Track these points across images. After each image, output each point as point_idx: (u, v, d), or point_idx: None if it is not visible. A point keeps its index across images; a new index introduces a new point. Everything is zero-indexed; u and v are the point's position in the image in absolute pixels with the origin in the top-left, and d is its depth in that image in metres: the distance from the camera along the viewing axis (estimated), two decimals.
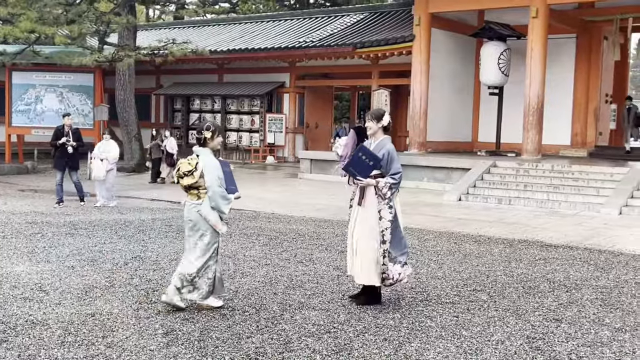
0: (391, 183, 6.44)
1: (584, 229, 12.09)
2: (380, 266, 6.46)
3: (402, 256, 6.57)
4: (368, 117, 6.69)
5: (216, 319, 6.04)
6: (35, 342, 5.30)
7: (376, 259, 6.45)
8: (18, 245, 9.31)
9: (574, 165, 16.72)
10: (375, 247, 6.45)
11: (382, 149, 6.51)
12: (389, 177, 6.45)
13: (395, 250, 6.52)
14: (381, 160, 6.44)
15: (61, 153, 14.07)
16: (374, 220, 6.47)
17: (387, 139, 6.64)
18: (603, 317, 6.49)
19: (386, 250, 6.45)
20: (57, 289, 6.96)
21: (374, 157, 6.44)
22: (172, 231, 10.83)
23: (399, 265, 6.53)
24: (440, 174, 18.25)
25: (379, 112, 6.67)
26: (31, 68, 23.34)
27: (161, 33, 29.50)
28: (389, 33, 22.19)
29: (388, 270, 6.48)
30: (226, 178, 6.46)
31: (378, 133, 6.64)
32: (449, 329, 5.93)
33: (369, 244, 6.47)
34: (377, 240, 6.45)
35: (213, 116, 26.90)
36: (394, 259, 6.51)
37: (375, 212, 6.47)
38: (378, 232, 6.45)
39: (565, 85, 21.00)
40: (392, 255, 6.50)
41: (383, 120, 6.61)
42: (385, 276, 6.49)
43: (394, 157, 6.50)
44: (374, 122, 6.62)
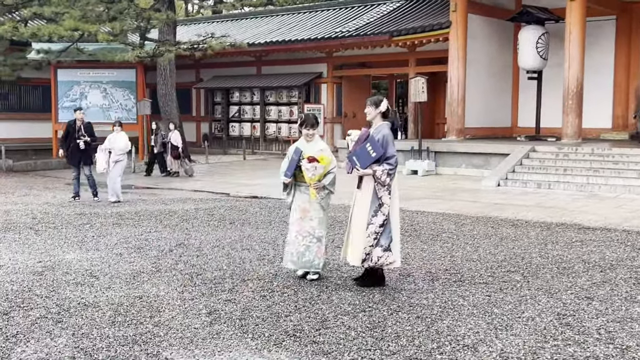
0: (388, 169, 6.61)
1: (624, 211, 12.08)
2: (364, 247, 6.65)
3: (385, 240, 6.70)
4: (367, 103, 6.90)
5: (256, 299, 6.32)
6: (88, 322, 5.65)
7: (364, 240, 6.64)
8: (68, 235, 9.74)
9: (614, 148, 16.60)
10: (363, 228, 6.65)
11: (379, 134, 6.70)
12: (384, 163, 6.61)
13: (383, 235, 6.68)
14: (382, 151, 6.60)
15: (74, 148, 13.89)
16: (366, 202, 6.68)
17: (385, 125, 6.80)
18: (635, 294, 6.59)
19: (379, 234, 6.63)
20: (106, 274, 7.33)
21: (378, 149, 6.61)
22: (214, 220, 11.17)
23: (380, 249, 6.67)
24: (478, 160, 18.29)
25: (377, 98, 6.89)
26: (75, 65, 24.01)
27: (200, 27, 29.99)
28: (425, 20, 22.20)
29: (371, 253, 6.65)
30: (289, 163, 7.07)
31: (377, 118, 6.83)
32: (481, 307, 6.11)
33: (360, 226, 6.69)
34: (367, 221, 6.64)
35: (252, 108, 27.30)
36: (378, 244, 6.67)
37: (369, 196, 6.66)
38: (371, 215, 6.63)
39: (605, 67, 20.78)
40: (379, 241, 6.67)
41: (381, 106, 6.80)
42: (364, 257, 6.66)
43: (388, 141, 6.66)
44: (372, 108, 6.82)
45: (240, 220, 11.19)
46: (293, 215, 7.17)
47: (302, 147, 7.03)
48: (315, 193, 6.96)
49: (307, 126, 7.06)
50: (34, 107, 26.29)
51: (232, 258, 8.15)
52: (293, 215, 7.17)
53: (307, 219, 7.03)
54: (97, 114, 24.28)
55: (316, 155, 6.89)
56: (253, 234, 9.79)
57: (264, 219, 11.35)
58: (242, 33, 27.64)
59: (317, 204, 7.04)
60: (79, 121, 14.07)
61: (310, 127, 7.06)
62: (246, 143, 25.91)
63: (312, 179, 6.93)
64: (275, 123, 26.76)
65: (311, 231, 7.00)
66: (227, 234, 9.80)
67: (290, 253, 7.12)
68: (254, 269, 7.57)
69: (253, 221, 11.06)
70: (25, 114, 25.76)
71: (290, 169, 7.02)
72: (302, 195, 7.09)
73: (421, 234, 9.85)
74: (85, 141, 13.86)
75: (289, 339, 5.25)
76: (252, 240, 9.29)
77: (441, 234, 9.89)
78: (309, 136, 7.07)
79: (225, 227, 10.50)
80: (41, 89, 26.13)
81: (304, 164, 6.89)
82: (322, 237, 7.06)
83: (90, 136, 14.00)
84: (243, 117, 27.75)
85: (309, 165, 6.86)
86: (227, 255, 8.34)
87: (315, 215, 7.03)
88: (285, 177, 7.10)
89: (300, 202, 7.10)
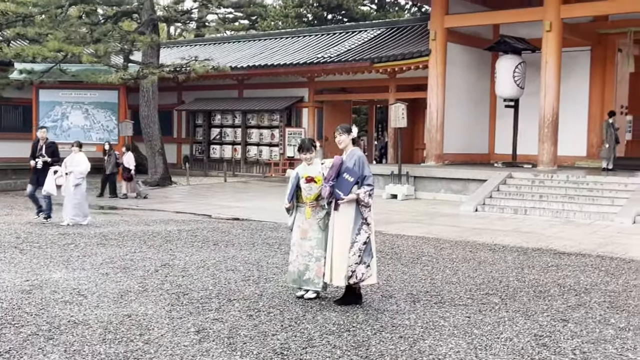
0: (369, 190, 6.99)
1: (598, 238, 12.41)
2: (349, 265, 6.93)
3: (367, 257, 7.02)
4: (339, 132, 7.25)
5: (243, 319, 6.48)
6: (79, 339, 5.78)
7: (348, 259, 6.92)
8: (53, 255, 9.83)
9: (588, 175, 17.02)
10: (348, 247, 6.93)
11: (353, 157, 7.07)
12: (364, 185, 6.96)
13: (365, 252, 7.00)
14: (359, 174, 6.95)
15: (34, 168, 13.64)
16: (349, 222, 6.96)
17: (357, 149, 7.22)
18: (609, 317, 6.84)
19: (363, 251, 6.94)
20: (94, 293, 7.44)
21: (353, 173, 6.95)
22: (198, 241, 11.30)
23: (363, 266, 6.99)
24: (457, 185, 18.63)
25: (346, 126, 7.31)
26: (57, 86, 24.10)
27: (183, 50, 30.24)
28: (405, 48, 22.64)
29: (356, 270, 6.94)
30: (290, 188, 7.38)
31: (349, 145, 7.21)
32: (461, 328, 6.33)
33: (343, 246, 6.96)
34: (351, 240, 6.93)
35: (234, 131, 27.49)
36: (362, 261, 6.98)
37: (351, 216, 6.96)
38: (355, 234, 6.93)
39: (580, 97, 21.31)
40: (362, 258, 6.98)
41: (352, 132, 7.23)
42: (349, 274, 6.94)
43: (364, 162, 7.06)
44: (345, 135, 7.20)
45: (224, 241, 11.33)
46: (294, 236, 7.41)
47: (301, 171, 7.33)
48: (310, 212, 7.20)
49: (304, 151, 7.36)
50: (15, 127, 26.23)
51: (218, 278, 8.30)
52: (294, 236, 7.41)
53: (306, 239, 7.26)
54: (79, 135, 24.33)
55: (314, 175, 7.17)
56: (237, 255, 9.94)
57: (247, 240, 11.51)
58: (225, 57, 27.93)
59: (315, 225, 7.27)
60: (42, 140, 13.76)
61: (307, 152, 7.35)
62: (227, 165, 26.07)
63: (308, 197, 7.26)
64: (256, 146, 26.98)
65: (310, 251, 7.22)
66: (211, 255, 9.94)
67: (292, 272, 7.37)
68: (240, 289, 7.72)
69: (236, 242, 11.22)
70: (6, 134, 25.69)
71: (290, 194, 7.31)
72: (302, 216, 7.34)
73: (402, 257, 10.07)
74: (45, 161, 13.52)
75: (277, 357, 5.42)
76: (236, 261, 9.44)
77: (421, 257, 10.12)
78: (307, 160, 7.35)
79: (209, 248, 10.65)
80: (22, 108, 26.11)
81: (302, 184, 7.22)
82: (321, 257, 7.27)
83: (52, 156, 13.62)
84: (224, 140, 27.93)
85: (306, 185, 7.20)
86: (212, 275, 8.48)
87: (314, 235, 7.25)
88: (286, 202, 7.38)
89: (300, 223, 7.35)
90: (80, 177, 13.47)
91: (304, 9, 38.98)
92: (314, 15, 39.06)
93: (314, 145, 7.44)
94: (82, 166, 13.48)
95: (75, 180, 13.40)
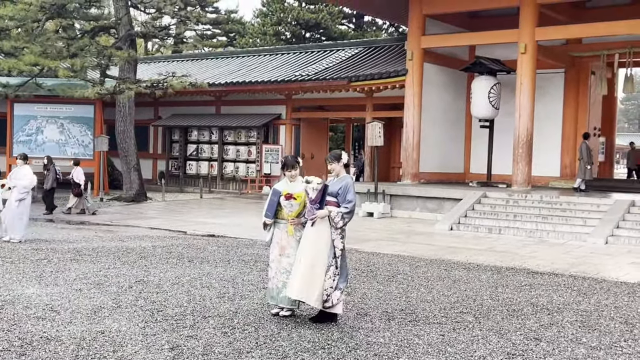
0: (343, 212, 7.02)
1: (571, 257, 12.55)
2: (324, 290, 6.94)
3: (342, 283, 7.13)
4: (329, 161, 7.33)
5: (218, 336, 6.46)
6: (51, 356, 5.72)
7: (322, 282, 6.94)
8: (26, 270, 9.72)
9: (562, 196, 17.22)
10: (323, 270, 6.96)
11: (342, 182, 7.17)
12: (342, 206, 7.03)
13: (340, 278, 7.06)
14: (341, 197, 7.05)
15: None
16: (322, 243, 7.01)
17: (347, 176, 7.31)
18: (581, 336, 6.92)
19: (337, 276, 7.00)
20: (67, 309, 7.37)
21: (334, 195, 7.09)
22: (173, 257, 11.25)
23: (338, 292, 7.05)
24: (432, 204, 18.74)
25: (337, 154, 7.35)
26: (33, 100, 23.93)
27: (160, 66, 30.16)
28: (382, 67, 22.83)
29: (331, 295, 6.97)
30: (268, 203, 7.36)
31: (341, 172, 7.30)
32: (435, 346, 6.36)
33: (315, 267, 6.97)
34: (327, 264, 6.98)
35: (211, 147, 27.44)
36: (337, 287, 7.03)
37: (327, 237, 7.02)
38: (330, 257, 6.99)
39: (554, 118, 21.62)
40: (338, 284, 7.03)
41: (343, 159, 7.32)
42: (325, 299, 6.97)
43: (349, 189, 7.13)
44: (335, 163, 7.27)
45: (199, 258, 11.29)
46: (272, 252, 7.41)
47: (282, 187, 7.34)
48: (292, 229, 7.23)
49: (288, 168, 7.41)
50: None
51: (192, 295, 8.26)
52: (272, 252, 7.41)
53: (284, 255, 7.28)
54: (53, 149, 24.18)
55: (293, 192, 7.20)
56: (212, 272, 9.91)
57: (222, 257, 11.47)
58: (202, 73, 27.94)
59: (294, 242, 7.29)
60: None
61: (291, 169, 7.40)
62: (203, 182, 25.99)
63: (290, 214, 7.27)
64: (233, 162, 26.94)
65: (288, 268, 7.22)
66: (186, 272, 9.90)
67: (271, 289, 7.37)
68: (215, 306, 7.69)
69: (211, 259, 11.18)
70: None
71: (271, 210, 7.29)
72: (280, 232, 7.35)
73: (377, 275, 10.10)
74: None
75: None
76: (212, 278, 9.41)
77: (396, 275, 10.16)
78: (292, 177, 7.40)
79: (184, 264, 10.60)
80: None
81: (282, 201, 7.22)
82: None
83: None
84: (201, 156, 27.87)
85: (286, 202, 7.20)
86: (187, 292, 8.44)
87: (293, 252, 7.26)
88: (266, 218, 7.36)
89: (278, 239, 7.36)
90: (24, 191, 12.93)
91: (282, 27, 39.16)
92: (292, 34, 39.25)
93: (297, 162, 7.48)
94: (26, 180, 12.91)
95: (18, 195, 12.84)
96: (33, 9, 20.75)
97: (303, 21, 38.28)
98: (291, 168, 7.41)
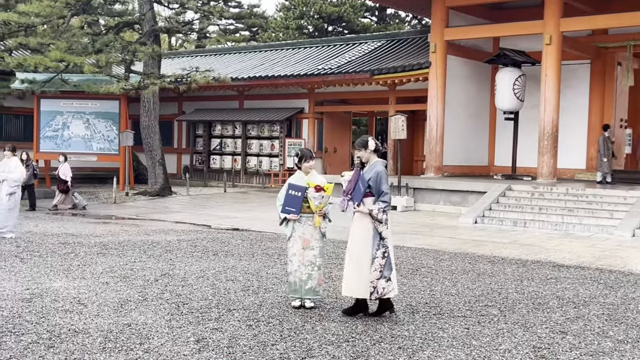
0: (383, 207, 7.00)
1: (597, 250, 12.43)
2: (371, 281, 6.97)
3: (387, 271, 7.05)
4: (357, 147, 7.26)
5: (243, 328, 6.51)
6: (79, 348, 5.80)
7: (368, 273, 6.96)
8: (54, 264, 9.85)
9: (588, 188, 17.05)
10: (369, 263, 6.97)
11: (372, 171, 7.08)
12: (379, 201, 6.98)
13: (385, 267, 7.03)
14: (374, 187, 7.00)
15: None
16: (368, 237, 7.01)
17: (379, 162, 7.19)
18: (607, 330, 6.86)
19: (383, 266, 6.98)
20: (94, 302, 7.46)
21: (365, 183, 7.02)
22: (197, 251, 11.33)
23: (383, 280, 7.02)
24: (456, 197, 18.66)
25: (363, 140, 7.23)
26: (59, 95, 24.20)
27: (184, 61, 30.37)
28: (405, 60, 22.73)
29: (377, 285, 6.98)
30: (286, 199, 7.34)
31: (371, 157, 7.20)
32: (460, 339, 6.35)
33: (364, 260, 6.99)
34: (372, 256, 6.98)
35: (234, 141, 27.55)
36: (382, 275, 7.01)
37: (370, 231, 7.01)
38: (375, 250, 6.98)
39: (580, 110, 21.39)
40: (383, 272, 7.01)
41: (369, 145, 7.17)
42: (371, 290, 6.99)
43: (382, 178, 7.03)
44: (363, 151, 7.19)
45: (223, 251, 11.36)
46: (294, 246, 7.41)
47: (301, 181, 7.34)
48: (320, 220, 7.26)
49: (307, 159, 7.43)
50: (16, 136, 26.23)
51: (217, 288, 8.32)
52: (294, 245, 7.41)
53: (308, 248, 7.32)
54: (79, 145, 24.46)
55: (322, 184, 7.23)
56: (236, 266, 9.97)
57: (246, 250, 11.53)
58: (225, 67, 28.02)
59: (318, 234, 7.35)
60: None
61: (310, 159, 7.44)
62: (227, 176, 26.11)
63: (319, 206, 7.29)
64: (256, 156, 27.03)
65: (313, 260, 7.30)
66: (210, 265, 9.97)
67: (294, 282, 7.40)
68: (239, 299, 7.74)
69: (236, 253, 11.24)
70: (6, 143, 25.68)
71: (297, 206, 7.27)
72: (302, 226, 7.36)
73: (401, 268, 10.09)
74: None
75: None
76: (236, 272, 9.46)
77: (420, 269, 10.14)
78: (309, 168, 7.42)
79: (209, 258, 10.67)
80: (23, 118, 26.23)
81: (311, 193, 7.21)
82: (321, 265, 7.43)
83: None
84: (224, 150, 27.99)
85: (317, 194, 7.21)
86: (211, 285, 8.50)
87: (317, 244, 7.33)
88: (292, 214, 7.32)
89: (300, 233, 7.37)
90: (14, 185, 12.48)
91: (305, 20, 39.15)
92: (314, 27, 39.22)
93: (312, 156, 7.50)
94: (17, 173, 12.51)
95: (9, 189, 12.41)
96: (58, 6, 20.98)
97: (325, 14, 38.24)
98: (309, 159, 7.43)
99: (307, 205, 7.34)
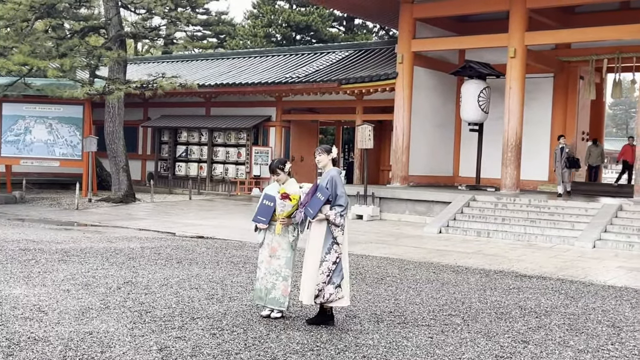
0: (340, 212, 7.03)
1: (558, 261, 12.61)
2: (316, 285, 6.98)
3: (337, 278, 7.04)
4: (318, 152, 7.35)
5: (207, 337, 6.45)
6: (39, 357, 5.68)
7: (316, 278, 6.98)
8: (14, 271, 9.65)
9: (550, 200, 17.31)
10: (317, 265, 6.99)
11: (328, 176, 7.16)
12: (336, 206, 7.02)
13: (335, 272, 7.03)
14: (329, 192, 7.02)
15: None
16: (320, 240, 7.04)
17: (334, 169, 7.29)
18: (568, 340, 6.96)
19: (332, 271, 6.98)
20: (55, 309, 7.33)
21: (324, 192, 7.03)
22: (161, 259, 11.21)
23: (332, 286, 7.01)
24: (421, 207, 18.78)
25: (327, 146, 7.37)
26: (21, 100, 23.76)
27: (150, 67, 30.10)
28: (373, 70, 22.87)
29: (323, 289, 6.97)
30: (259, 208, 7.37)
31: (328, 165, 7.29)
32: (424, 348, 6.37)
33: (313, 264, 7.03)
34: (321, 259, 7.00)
35: (200, 148, 27.39)
36: (330, 281, 7.01)
37: (323, 234, 7.04)
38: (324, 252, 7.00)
39: (543, 122, 21.74)
40: (332, 278, 7.01)
41: (332, 152, 7.31)
42: (317, 293, 6.99)
43: (337, 182, 7.12)
44: (324, 155, 7.28)
45: (188, 259, 11.26)
46: (262, 253, 7.41)
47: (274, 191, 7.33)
48: (280, 228, 7.25)
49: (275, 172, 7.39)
50: None
51: (181, 297, 8.24)
52: (262, 252, 7.41)
53: (275, 257, 7.29)
54: (42, 150, 24.08)
55: (290, 193, 7.23)
56: (201, 274, 9.89)
57: (211, 258, 11.45)
58: (192, 74, 27.87)
59: (285, 244, 7.31)
60: None
61: (273, 174, 7.40)
62: (192, 183, 25.92)
63: (280, 214, 7.27)
64: (222, 164, 26.89)
65: (278, 269, 7.25)
66: (174, 273, 9.87)
67: (259, 289, 7.36)
68: (203, 308, 7.68)
69: (200, 261, 11.15)
70: None
71: (267, 215, 7.29)
72: (271, 234, 7.34)
73: (366, 277, 10.11)
74: None
75: None
76: (200, 280, 9.39)
77: (385, 278, 10.17)
78: (279, 181, 7.39)
79: (173, 266, 10.57)
80: None
81: (277, 200, 7.22)
82: (288, 276, 7.32)
83: None
84: (190, 157, 27.80)
85: (280, 201, 7.22)
86: (175, 293, 8.42)
87: (283, 254, 7.28)
88: (261, 224, 7.34)
89: (269, 241, 7.36)
90: None
91: (273, 29, 39.16)
92: (282, 36, 39.25)
93: (279, 167, 7.41)
94: None
95: None
96: (22, 9, 20.63)
97: (294, 23, 38.29)
98: (276, 172, 7.39)
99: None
